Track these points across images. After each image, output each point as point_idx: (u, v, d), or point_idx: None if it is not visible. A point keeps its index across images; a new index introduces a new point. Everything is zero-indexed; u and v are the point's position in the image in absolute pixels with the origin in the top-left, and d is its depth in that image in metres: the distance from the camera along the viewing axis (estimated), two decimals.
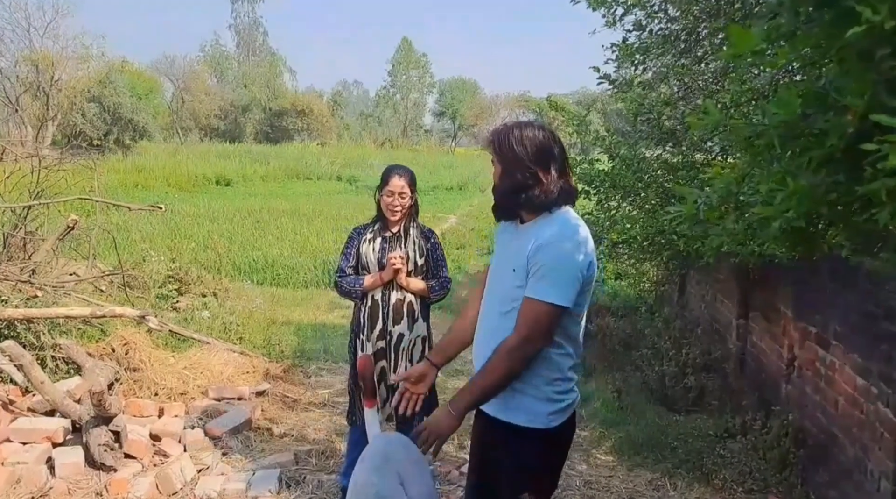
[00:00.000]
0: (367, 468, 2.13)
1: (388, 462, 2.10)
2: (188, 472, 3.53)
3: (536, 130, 2.03)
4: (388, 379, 3.25)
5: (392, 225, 3.29)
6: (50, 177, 6.68)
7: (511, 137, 1.99)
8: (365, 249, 3.27)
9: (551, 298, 1.90)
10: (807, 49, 1.40)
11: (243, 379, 5.00)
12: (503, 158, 2.01)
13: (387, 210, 3.23)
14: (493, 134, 2.07)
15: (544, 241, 1.94)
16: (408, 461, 2.12)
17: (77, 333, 4.96)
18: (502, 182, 2.03)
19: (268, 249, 11.89)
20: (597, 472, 3.96)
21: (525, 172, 1.98)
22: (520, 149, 1.98)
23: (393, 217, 3.24)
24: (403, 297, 3.24)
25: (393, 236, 3.28)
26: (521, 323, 1.93)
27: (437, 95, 63.01)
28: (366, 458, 2.18)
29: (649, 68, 5.21)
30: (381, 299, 3.24)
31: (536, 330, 1.92)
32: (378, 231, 3.30)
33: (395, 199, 3.19)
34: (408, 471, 2.08)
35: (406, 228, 3.29)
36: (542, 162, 1.99)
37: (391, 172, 3.23)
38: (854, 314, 3.29)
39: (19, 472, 3.24)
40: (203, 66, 53.47)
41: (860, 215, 1.29)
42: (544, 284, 1.91)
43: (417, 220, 3.36)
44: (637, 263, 6.25)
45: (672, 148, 5.14)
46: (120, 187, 18.03)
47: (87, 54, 29.58)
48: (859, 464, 3.15)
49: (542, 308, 1.91)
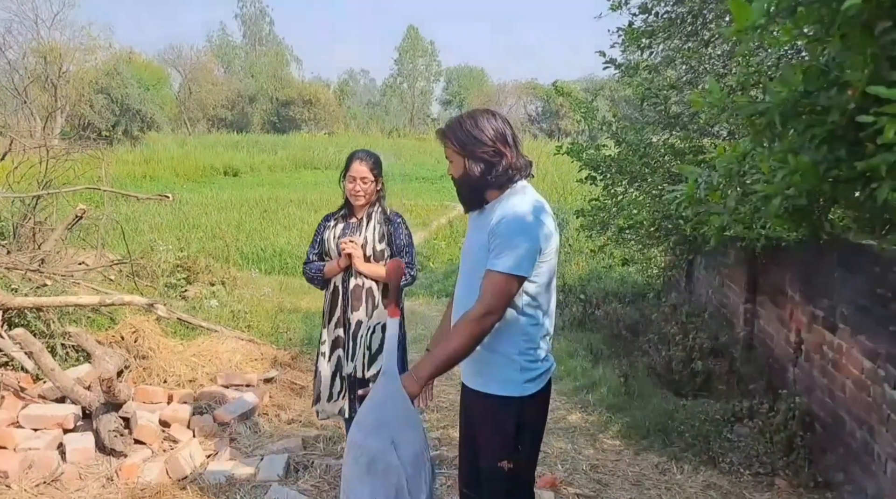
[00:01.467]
0: (362, 430, 2.19)
1: (382, 425, 2.15)
2: (197, 457, 3.56)
3: (488, 114, 2.15)
4: (343, 369, 3.22)
5: (357, 211, 3.24)
6: (58, 167, 6.73)
7: (466, 126, 2.10)
8: (327, 236, 3.25)
9: (510, 269, 1.98)
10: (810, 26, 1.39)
11: (251, 366, 5.04)
12: (464, 146, 2.10)
13: (350, 196, 3.18)
14: (448, 129, 2.14)
15: (503, 215, 2.04)
16: (401, 423, 2.16)
17: (86, 321, 5.01)
18: (469, 169, 2.11)
19: (275, 238, 11.94)
20: (603, 456, 3.97)
21: (489, 151, 2.09)
22: (478, 133, 2.09)
23: (356, 202, 3.19)
24: (362, 283, 3.18)
25: (357, 222, 3.24)
26: (483, 294, 2.01)
27: (445, 84, 62.85)
28: (361, 419, 2.23)
29: (656, 52, 5.17)
30: (341, 286, 3.20)
31: (497, 300, 2.00)
32: (342, 217, 3.28)
33: (357, 184, 3.14)
34: (400, 433, 2.13)
35: (369, 213, 3.23)
36: (500, 140, 2.10)
37: (353, 158, 3.19)
38: (861, 297, 3.27)
39: (31, 457, 3.28)
40: (210, 56, 53.43)
41: (862, 192, 1.28)
42: (503, 256, 1.99)
43: (383, 204, 3.28)
44: (644, 248, 6.23)
45: (679, 132, 5.11)
46: (128, 178, 18.13)
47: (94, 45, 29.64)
48: (866, 446, 3.14)
49: (502, 278, 1.99)
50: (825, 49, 1.48)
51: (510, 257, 1.98)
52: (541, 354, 2.15)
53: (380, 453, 2.11)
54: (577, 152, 5.63)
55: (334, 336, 3.23)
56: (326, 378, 3.26)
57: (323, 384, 3.27)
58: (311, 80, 55.23)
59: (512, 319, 2.07)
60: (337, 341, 3.23)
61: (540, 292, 2.10)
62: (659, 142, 5.25)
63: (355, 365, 3.19)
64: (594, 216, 5.76)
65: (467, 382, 2.22)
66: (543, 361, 2.16)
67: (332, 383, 3.25)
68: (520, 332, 2.09)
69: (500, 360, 2.10)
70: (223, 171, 23.94)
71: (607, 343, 6.08)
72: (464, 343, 2.01)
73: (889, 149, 1.04)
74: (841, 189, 1.30)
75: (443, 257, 12.40)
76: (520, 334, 2.09)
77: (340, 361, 3.23)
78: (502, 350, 2.09)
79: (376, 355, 3.17)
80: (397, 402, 2.17)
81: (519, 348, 2.09)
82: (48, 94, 14.77)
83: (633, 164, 5.05)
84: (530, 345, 2.11)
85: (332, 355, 3.25)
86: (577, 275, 9.18)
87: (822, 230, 1.50)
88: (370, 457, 2.12)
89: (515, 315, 2.08)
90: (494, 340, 2.07)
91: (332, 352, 3.24)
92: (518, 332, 2.09)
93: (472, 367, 2.17)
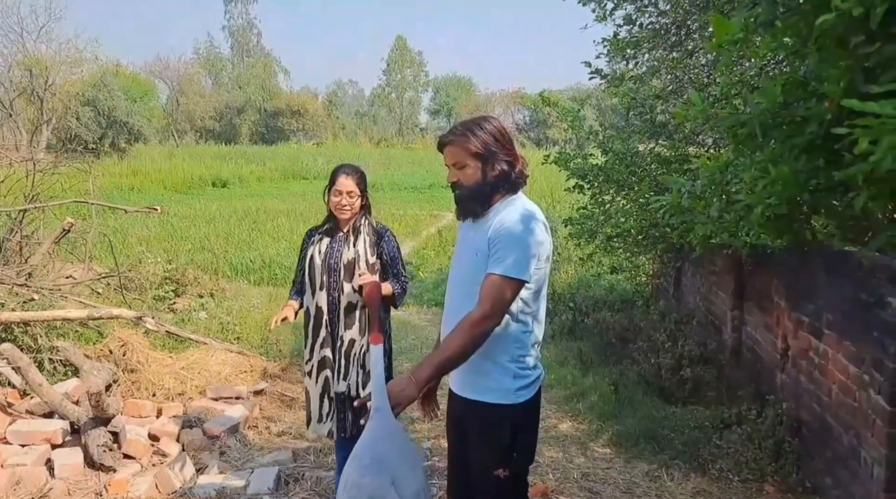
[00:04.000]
0: (358, 468, 2.09)
1: (380, 462, 2.07)
2: (187, 471, 3.55)
3: (495, 120, 2.18)
4: (330, 389, 3.16)
5: (343, 224, 3.19)
6: (45, 181, 6.69)
7: (484, 132, 2.10)
8: (311, 252, 3.18)
9: (511, 273, 1.99)
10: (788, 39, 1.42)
11: (241, 378, 5.02)
12: (488, 148, 2.09)
13: (335, 209, 3.14)
14: (468, 131, 2.11)
15: (502, 222, 2.05)
16: (400, 459, 2.10)
17: (74, 335, 4.98)
18: (487, 173, 2.10)
19: (264, 249, 11.91)
20: (594, 464, 3.98)
21: (507, 156, 2.11)
22: (498, 136, 2.11)
23: (342, 216, 3.15)
24: (356, 301, 3.11)
25: (343, 236, 3.18)
26: (484, 297, 2.01)
27: (433, 94, 63.05)
28: (357, 455, 2.13)
29: (641, 62, 5.23)
30: (326, 305, 3.13)
31: (498, 303, 2.00)
32: (326, 232, 3.22)
33: (343, 198, 3.10)
34: (399, 470, 2.06)
35: (356, 225, 3.19)
36: (511, 148, 2.14)
37: (338, 172, 3.16)
38: (846, 303, 3.31)
39: (19, 473, 3.26)
40: (197, 68, 53.38)
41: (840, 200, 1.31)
42: (504, 260, 2.00)
43: (370, 217, 3.26)
44: (632, 256, 6.27)
45: (665, 141, 5.17)
46: (116, 190, 18.04)
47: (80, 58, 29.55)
48: (853, 451, 3.17)
49: (503, 282, 1.99)
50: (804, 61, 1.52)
51: (512, 261, 1.99)
52: (532, 361, 2.16)
53: (378, 492, 2.01)
54: (564, 161, 5.68)
55: (321, 357, 3.16)
56: (315, 399, 3.21)
57: (312, 405, 3.23)
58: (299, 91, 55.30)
59: (506, 326, 2.08)
60: (324, 362, 3.16)
61: (533, 299, 2.11)
62: (645, 150, 5.30)
63: (348, 384, 3.13)
64: (582, 225, 5.80)
65: (458, 391, 2.21)
66: (534, 369, 2.17)
67: (320, 405, 3.19)
68: (513, 339, 2.10)
69: (492, 367, 2.10)
70: (211, 182, 23.87)
71: (597, 351, 6.10)
72: (463, 345, 1.99)
73: (865, 159, 1.07)
74: (821, 198, 1.33)
75: (432, 267, 12.40)
76: (513, 341, 2.09)
77: (328, 383, 3.16)
78: (495, 357, 2.09)
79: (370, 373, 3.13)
80: (394, 439, 2.10)
81: (512, 355, 2.10)
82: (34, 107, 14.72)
83: (620, 172, 5.10)
84: (522, 352, 2.11)
85: (319, 376, 3.18)
86: (567, 283, 9.21)
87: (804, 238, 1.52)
88: (368, 496, 2.03)
89: (509, 321, 2.08)
90: (487, 348, 2.06)
91: (319, 372, 3.17)
92: (511, 339, 2.09)
93: (464, 375, 2.17)
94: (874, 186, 1.13)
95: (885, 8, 1.03)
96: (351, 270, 3.10)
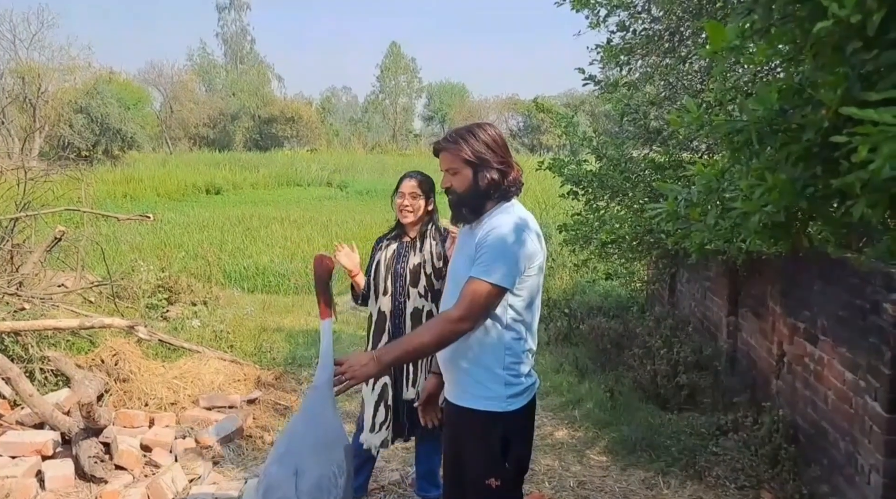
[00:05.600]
0: (271, 456, 2.17)
1: (289, 452, 2.11)
2: (180, 482, 3.51)
3: (490, 128, 2.18)
4: (388, 397, 3.10)
5: (409, 230, 3.21)
6: (37, 188, 6.65)
7: (481, 136, 2.11)
8: (378, 258, 3.21)
9: (492, 279, 2.00)
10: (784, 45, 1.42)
11: (234, 387, 4.98)
12: (480, 155, 2.10)
13: (398, 212, 3.17)
14: (460, 138, 2.13)
15: (492, 227, 2.05)
16: (308, 449, 2.12)
17: (66, 344, 4.93)
18: (478, 180, 2.11)
19: (258, 256, 11.85)
20: (590, 472, 3.96)
21: (501, 163, 2.11)
22: (491, 143, 2.11)
23: (405, 220, 3.16)
24: (422, 305, 3.10)
25: (410, 242, 3.20)
26: (463, 298, 2.02)
27: (426, 100, 63.16)
28: (279, 441, 2.21)
29: (634, 69, 5.23)
30: (389, 311, 3.13)
31: (476, 306, 2.01)
32: (394, 238, 3.25)
33: (406, 199, 3.13)
34: (305, 461, 2.09)
35: (422, 231, 3.20)
36: (506, 155, 2.15)
37: (405, 176, 3.21)
38: (841, 309, 3.31)
39: (9, 486, 3.22)
40: (191, 75, 53.30)
41: (837, 209, 1.30)
42: (487, 266, 2.01)
43: (438, 224, 3.25)
44: (627, 262, 6.26)
45: (658, 147, 5.17)
46: (109, 198, 17.95)
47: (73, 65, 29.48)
48: (850, 458, 3.16)
49: (483, 287, 2.00)
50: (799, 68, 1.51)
51: (496, 268, 1.99)
52: (524, 369, 2.15)
53: (278, 483, 2.06)
54: (558, 168, 5.67)
55: None
56: (369, 407, 3.15)
57: (366, 414, 3.17)
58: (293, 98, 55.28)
59: (497, 334, 2.08)
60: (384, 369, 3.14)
61: (525, 308, 2.11)
62: (639, 156, 5.30)
63: (417, 391, 3.05)
64: (577, 231, 5.78)
65: (451, 398, 2.21)
66: (527, 377, 2.16)
67: (374, 413, 3.13)
68: (504, 347, 2.10)
69: (484, 375, 2.10)
70: (205, 189, 23.75)
71: (592, 358, 6.09)
72: (433, 340, 2.03)
73: (863, 167, 1.06)
74: (818, 205, 1.32)
75: None
76: (503, 349, 2.09)
77: (386, 390, 3.11)
78: (486, 365, 2.09)
79: None
80: (315, 424, 2.13)
81: (503, 363, 2.09)
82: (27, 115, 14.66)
83: (614, 178, 5.09)
84: (514, 360, 2.11)
85: (376, 383, 3.11)
86: (562, 289, 9.19)
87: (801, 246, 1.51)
88: (267, 485, 2.08)
89: (500, 330, 2.08)
90: (478, 355, 2.07)
91: (377, 380, 3.10)
92: (502, 346, 2.09)
93: (456, 383, 2.17)
94: (872, 193, 1.12)
95: (882, 15, 1.03)
96: (416, 275, 3.11)
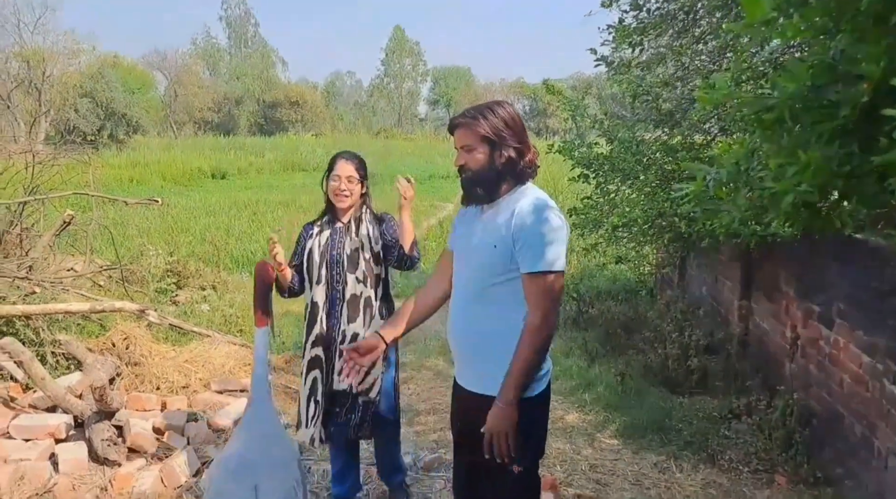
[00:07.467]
0: (223, 472, 2.07)
1: (245, 467, 2.04)
2: (193, 464, 3.52)
3: (508, 106, 2.13)
4: (318, 392, 2.96)
5: (342, 215, 3.06)
6: (44, 173, 6.64)
7: (495, 116, 2.06)
8: (310, 245, 3.03)
9: (555, 267, 1.97)
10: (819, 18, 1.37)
11: (245, 371, 4.98)
12: (498, 132, 2.05)
13: (333, 196, 3.01)
14: (479, 114, 2.07)
15: (527, 214, 2.00)
16: (266, 464, 2.04)
17: (76, 328, 4.94)
18: (495, 159, 2.07)
19: (265, 241, 11.80)
20: (602, 456, 3.95)
21: (513, 147, 2.07)
22: (510, 121, 2.07)
23: (341, 204, 3.01)
24: (360, 291, 2.97)
25: (344, 227, 3.04)
26: (537, 300, 1.98)
27: (431, 84, 62.88)
28: (223, 460, 2.10)
29: (647, 48, 5.15)
30: (322, 301, 2.98)
31: (550, 301, 1.99)
32: (326, 223, 3.08)
33: (342, 183, 2.97)
34: (264, 476, 2.01)
35: (357, 215, 3.05)
36: (523, 135, 2.10)
37: (337, 157, 3.06)
38: (859, 291, 3.27)
39: (23, 469, 3.22)
40: (195, 59, 53.16)
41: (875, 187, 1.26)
42: (543, 256, 1.97)
43: (371, 207, 3.12)
44: (637, 246, 6.21)
45: (670, 130, 5.11)
46: (115, 182, 17.97)
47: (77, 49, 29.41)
48: (866, 441, 3.14)
49: (548, 279, 1.98)
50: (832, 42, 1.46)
51: (551, 254, 1.97)
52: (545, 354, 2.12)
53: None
54: (569, 151, 5.62)
55: (311, 356, 2.99)
56: (302, 402, 3.03)
57: (301, 408, 3.05)
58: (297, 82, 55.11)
59: (521, 319, 2.04)
60: (314, 362, 2.98)
61: None
62: (651, 139, 5.24)
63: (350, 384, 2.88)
64: (586, 214, 5.74)
65: (470, 387, 2.17)
66: (546, 362, 2.14)
67: (307, 408, 3.00)
68: None
69: (508, 361, 2.04)
70: (210, 174, 23.75)
71: (602, 342, 6.07)
72: (535, 355, 2.00)
73: None
74: (854, 184, 1.28)
75: (434, 258, 12.34)
76: None
77: (316, 384, 2.97)
78: (511, 351, 2.04)
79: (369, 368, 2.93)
80: (265, 439, 2.06)
81: None
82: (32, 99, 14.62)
83: (626, 161, 5.04)
84: None
85: (308, 376, 3.00)
86: (570, 273, 9.16)
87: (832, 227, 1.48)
88: None
89: (525, 314, 2.04)
90: (504, 343, 2.03)
91: (308, 373, 2.99)
92: None
93: (479, 373, 2.13)
94: None
95: None
96: (355, 261, 2.98)
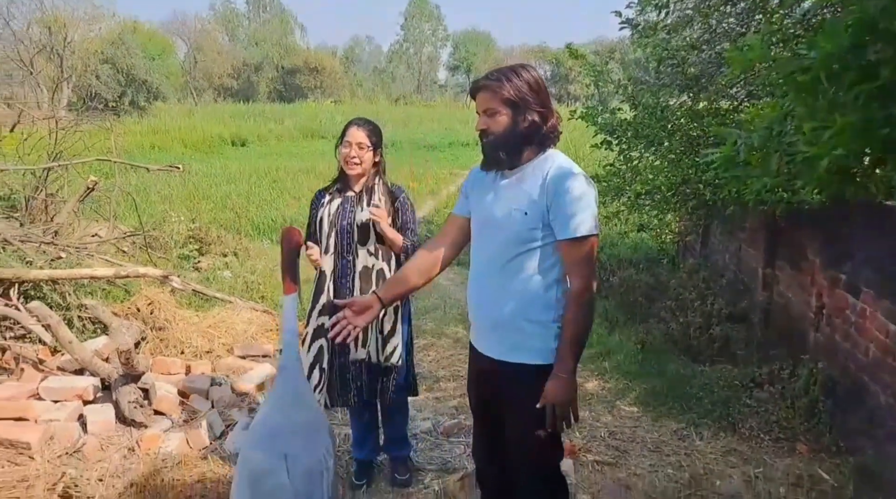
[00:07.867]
0: (251, 441, 2.06)
1: (274, 436, 2.03)
2: (217, 427, 3.58)
3: (532, 69, 2.10)
4: (323, 360, 2.97)
5: (354, 183, 3.01)
6: (67, 139, 6.69)
7: (520, 79, 2.02)
8: (321, 214, 2.99)
9: (593, 231, 1.97)
10: None
11: (267, 337, 5.04)
12: (523, 96, 2.01)
13: (345, 163, 2.96)
14: (503, 77, 2.03)
15: (560, 178, 1.98)
16: (295, 432, 2.03)
17: (102, 293, 5.02)
18: (518, 123, 2.03)
19: (285, 208, 11.89)
20: (622, 423, 3.96)
21: (536, 111, 2.03)
22: (534, 84, 2.04)
23: (351, 171, 2.96)
24: (372, 264, 2.95)
25: (356, 196, 2.98)
26: (578, 266, 1.99)
27: (451, 49, 62.07)
28: (255, 425, 2.09)
29: (673, 10, 5.01)
30: (331, 270, 2.96)
31: (590, 265, 2.00)
32: (337, 191, 3.02)
33: (353, 150, 2.93)
34: (293, 445, 2.00)
35: (369, 185, 3.00)
36: (546, 100, 2.07)
37: (350, 124, 3.01)
38: (887, 259, 3.21)
39: (53, 429, 3.30)
40: (214, 24, 52.92)
41: None
42: (584, 219, 1.96)
43: (384, 178, 3.07)
44: (660, 214, 6.14)
45: (696, 95, 4.99)
46: (136, 149, 18.06)
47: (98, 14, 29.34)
48: (891, 411, 3.11)
49: (587, 244, 1.98)
50: None
51: (586, 219, 1.96)
52: None
53: (266, 469, 1.97)
54: (591, 117, 5.53)
55: (317, 324, 2.99)
56: (305, 370, 3.01)
57: None
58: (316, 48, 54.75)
59: (549, 286, 2.04)
60: (319, 331, 2.97)
61: None
62: (676, 104, 5.13)
63: (368, 350, 2.98)
64: (609, 182, 5.67)
65: (492, 354, 2.15)
66: None
67: (309, 376, 2.98)
68: (555, 299, 2.05)
69: (536, 329, 2.05)
70: (231, 141, 23.79)
71: (622, 310, 6.05)
72: (584, 321, 2.01)
73: None
74: (892, 148, 1.24)
75: None
76: (555, 301, 2.05)
77: (321, 353, 2.98)
78: (539, 319, 2.05)
79: (388, 337, 2.99)
80: (295, 407, 2.04)
81: (554, 315, 2.05)
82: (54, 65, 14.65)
83: (651, 127, 4.95)
84: (562, 312, 2.05)
85: (312, 345, 3.00)
86: None
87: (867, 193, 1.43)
88: (256, 473, 1.98)
89: (552, 281, 2.04)
90: (533, 310, 2.03)
91: (314, 342, 2.99)
92: (554, 299, 2.05)
93: (500, 338, 2.11)
94: None
95: None
96: (365, 233, 2.94)
